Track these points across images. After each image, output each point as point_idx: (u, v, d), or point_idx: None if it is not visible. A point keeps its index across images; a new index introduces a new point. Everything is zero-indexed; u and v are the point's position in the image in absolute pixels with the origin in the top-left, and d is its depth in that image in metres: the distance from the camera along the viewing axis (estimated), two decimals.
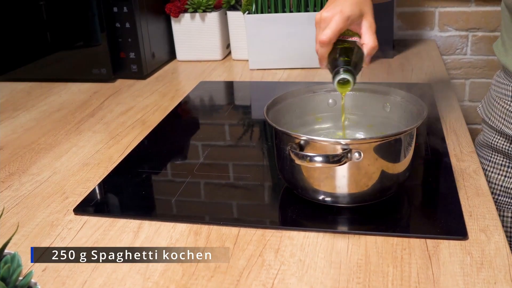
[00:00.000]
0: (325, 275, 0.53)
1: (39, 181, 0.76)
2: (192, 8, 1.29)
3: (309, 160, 0.57)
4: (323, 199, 0.63)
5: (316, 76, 1.19)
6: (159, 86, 1.18)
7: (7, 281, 0.41)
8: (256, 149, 0.85)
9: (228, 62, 1.35)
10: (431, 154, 0.77)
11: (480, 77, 1.44)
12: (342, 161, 0.57)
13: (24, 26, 1.21)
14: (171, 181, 0.75)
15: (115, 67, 1.22)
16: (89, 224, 0.64)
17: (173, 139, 0.90)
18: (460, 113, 0.93)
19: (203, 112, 1.05)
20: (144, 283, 0.53)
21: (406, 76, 1.15)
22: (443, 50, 1.43)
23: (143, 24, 1.21)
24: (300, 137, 0.60)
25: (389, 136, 0.60)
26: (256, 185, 0.72)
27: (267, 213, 0.67)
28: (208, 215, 0.65)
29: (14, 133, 0.95)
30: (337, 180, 0.61)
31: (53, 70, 1.25)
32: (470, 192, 0.66)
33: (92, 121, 0.99)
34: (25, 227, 0.64)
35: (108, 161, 0.81)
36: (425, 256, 0.55)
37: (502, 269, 0.52)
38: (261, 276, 0.53)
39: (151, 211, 0.68)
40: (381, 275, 0.52)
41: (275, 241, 0.59)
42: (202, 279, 0.53)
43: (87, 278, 0.54)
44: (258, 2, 1.20)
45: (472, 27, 1.40)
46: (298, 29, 1.19)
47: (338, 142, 0.58)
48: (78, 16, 1.18)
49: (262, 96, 1.12)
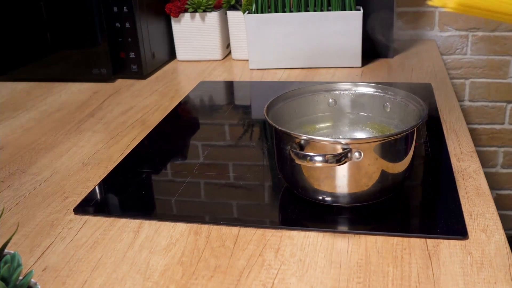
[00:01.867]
0: (325, 275, 0.53)
1: (39, 181, 0.76)
2: (192, 8, 1.29)
3: (309, 160, 0.57)
4: (323, 199, 0.63)
5: (316, 76, 1.19)
6: (159, 86, 1.18)
7: (7, 281, 0.41)
8: (256, 149, 0.85)
9: (228, 62, 1.35)
10: (431, 154, 0.77)
11: (480, 77, 1.44)
12: (342, 161, 0.57)
13: (24, 26, 1.21)
14: (171, 181, 0.75)
15: (115, 67, 1.22)
16: (89, 224, 0.64)
17: (173, 139, 0.90)
18: (460, 113, 0.93)
19: (203, 112, 1.05)
20: (144, 283, 0.53)
21: (406, 76, 1.15)
22: (443, 50, 1.43)
23: (143, 24, 1.21)
24: (300, 137, 0.60)
25: (389, 136, 0.60)
26: (256, 185, 0.72)
27: (267, 213, 0.67)
28: (208, 215, 0.65)
29: (14, 133, 0.95)
30: (337, 180, 0.61)
31: (53, 70, 1.25)
32: (470, 192, 0.66)
33: (92, 121, 0.99)
34: (25, 227, 0.64)
35: (108, 161, 0.81)
36: (425, 256, 0.55)
37: (502, 269, 0.52)
38: (261, 276, 0.53)
39: (151, 211, 0.68)
40: (381, 275, 0.52)
41: (275, 241, 0.59)
42: (202, 279, 0.53)
43: (87, 278, 0.54)
44: (258, 2, 1.20)
45: (472, 27, 1.40)
46: (298, 29, 1.19)
47: (338, 142, 0.58)
48: (78, 16, 1.18)
49: (262, 96, 1.12)
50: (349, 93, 0.75)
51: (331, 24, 1.18)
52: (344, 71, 1.21)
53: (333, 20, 1.17)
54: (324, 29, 1.18)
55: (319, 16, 1.18)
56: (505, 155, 1.51)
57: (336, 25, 1.18)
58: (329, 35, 1.19)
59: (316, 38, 1.20)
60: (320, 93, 0.76)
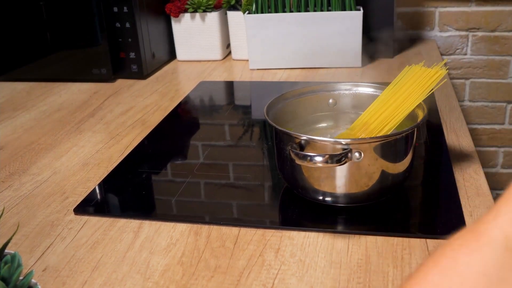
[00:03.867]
0: (325, 275, 0.53)
1: (39, 181, 0.76)
2: (192, 8, 1.29)
3: (309, 160, 0.57)
4: (323, 199, 0.63)
5: (316, 76, 1.19)
6: (159, 86, 1.18)
7: (8, 281, 0.41)
8: (256, 149, 0.85)
9: (228, 62, 1.35)
10: (431, 154, 0.77)
11: (480, 77, 1.44)
12: (342, 161, 0.57)
13: (24, 26, 1.21)
14: (171, 181, 0.75)
15: (115, 67, 1.22)
16: (89, 224, 0.64)
17: (173, 139, 0.90)
18: (460, 113, 0.93)
19: (203, 112, 1.05)
20: (144, 283, 0.53)
21: None
22: (443, 50, 1.43)
23: (143, 24, 1.21)
24: (300, 137, 0.60)
25: (389, 136, 0.60)
26: (256, 185, 0.72)
27: (267, 213, 0.67)
28: (208, 215, 0.65)
29: (14, 133, 0.95)
30: (337, 180, 0.61)
31: (53, 70, 1.25)
32: (470, 192, 0.66)
33: (92, 121, 0.99)
34: (25, 227, 0.64)
35: (108, 161, 0.81)
36: (425, 256, 0.55)
37: None
38: (261, 276, 0.53)
39: (151, 211, 0.68)
40: (381, 275, 0.52)
41: (275, 241, 0.59)
42: (202, 279, 0.53)
43: (87, 278, 0.54)
44: (258, 2, 1.20)
45: (472, 27, 1.40)
46: (298, 29, 1.19)
47: (338, 142, 0.58)
48: (78, 16, 1.18)
49: (262, 96, 1.12)
50: (349, 93, 0.75)
51: (331, 24, 1.18)
52: (344, 71, 1.20)
53: (333, 20, 1.17)
54: (324, 29, 1.18)
55: (319, 16, 1.18)
56: (505, 155, 1.51)
57: (336, 25, 1.18)
58: (329, 35, 1.19)
59: (316, 38, 1.20)
60: (320, 93, 0.76)
